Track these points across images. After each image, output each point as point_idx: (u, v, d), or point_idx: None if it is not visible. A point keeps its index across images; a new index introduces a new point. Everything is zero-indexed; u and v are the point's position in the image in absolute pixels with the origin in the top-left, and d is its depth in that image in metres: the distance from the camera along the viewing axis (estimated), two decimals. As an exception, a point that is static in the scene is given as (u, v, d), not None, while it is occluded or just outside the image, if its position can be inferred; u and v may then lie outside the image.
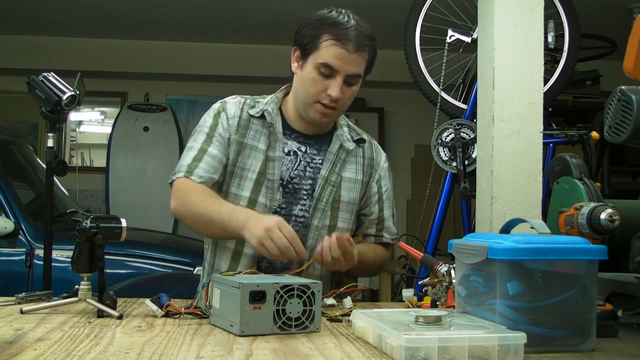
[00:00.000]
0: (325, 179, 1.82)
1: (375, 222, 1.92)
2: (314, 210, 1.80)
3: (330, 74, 1.71)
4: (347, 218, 1.86)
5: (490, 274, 1.19)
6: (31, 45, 5.84)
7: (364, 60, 1.74)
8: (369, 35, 1.74)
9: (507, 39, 2.51)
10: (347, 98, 1.77)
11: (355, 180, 1.88)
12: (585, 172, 1.56)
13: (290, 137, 1.84)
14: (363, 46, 1.71)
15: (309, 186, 1.82)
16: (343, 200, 1.85)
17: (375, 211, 1.91)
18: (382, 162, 1.95)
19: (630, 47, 1.47)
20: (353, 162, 1.89)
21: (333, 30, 1.69)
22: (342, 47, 1.69)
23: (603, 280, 1.44)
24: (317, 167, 1.83)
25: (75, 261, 1.44)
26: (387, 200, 1.94)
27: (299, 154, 1.83)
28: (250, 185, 1.78)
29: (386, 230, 1.94)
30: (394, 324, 1.15)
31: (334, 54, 1.69)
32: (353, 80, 1.74)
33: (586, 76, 4.18)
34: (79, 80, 2.45)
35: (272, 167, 1.79)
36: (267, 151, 1.80)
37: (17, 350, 1.09)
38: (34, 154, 4.15)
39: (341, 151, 1.86)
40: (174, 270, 3.43)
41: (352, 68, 1.71)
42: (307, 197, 1.81)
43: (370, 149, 1.94)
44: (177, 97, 6.44)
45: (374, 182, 1.91)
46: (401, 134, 6.56)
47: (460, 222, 3.45)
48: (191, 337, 1.22)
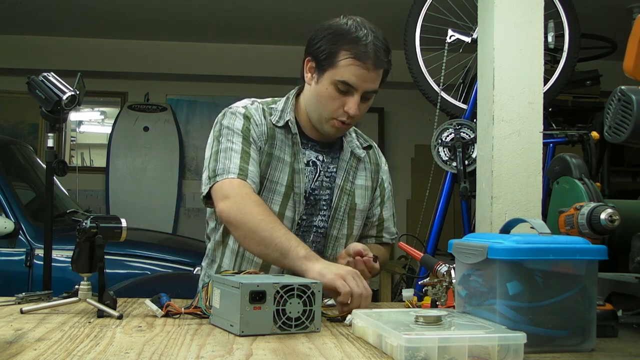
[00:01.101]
0: (341, 189, 1.82)
1: (375, 224, 1.93)
2: (332, 220, 1.80)
3: (348, 90, 1.67)
4: (359, 225, 1.87)
5: (490, 274, 1.19)
6: (31, 45, 5.84)
7: (380, 76, 1.71)
8: (386, 49, 1.69)
9: (507, 39, 2.51)
10: (362, 112, 1.74)
11: (366, 187, 1.89)
12: (585, 172, 1.56)
13: (307, 146, 1.81)
14: (382, 64, 1.68)
15: (327, 196, 1.81)
16: (358, 208, 1.86)
17: (376, 214, 1.93)
18: (383, 165, 1.97)
19: (630, 47, 1.47)
20: (363, 169, 1.90)
21: (352, 47, 1.64)
22: (362, 67, 1.64)
23: (603, 280, 1.44)
24: (333, 176, 1.83)
25: (75, 261, 1.44)
26: (387, 201, 1.95)
27: (318, 164, 1.81)
28: (280, 199, 1.74)
29: (386, 230, 1.95)
30: (394, 324, 1.15)
31: (353, 72, 1.65)
32: (369, 95, 1.71)
33: (586, 76, 4.18)
34: (79, 80, 2.45)
35: (297, 179, 1.76)
36: (292, 163, 1.76)
37: (17, 350, 1.09)
38: (34, 154, 4.16)
39: (352, 159, 1.86)
40: (174, 270, 3.43)
41: (370, 85, 1.68)
42: (326, 207, 1.81)
43: (374, 154, 1.95)
44: (177, 97, 6.45)
45: (377, 186, 1.93)
46: (401, 134, 6.56)
47: (460, 222, 3.45)
48: (191, 337, 1.22)
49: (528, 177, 2.47)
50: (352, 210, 1.84)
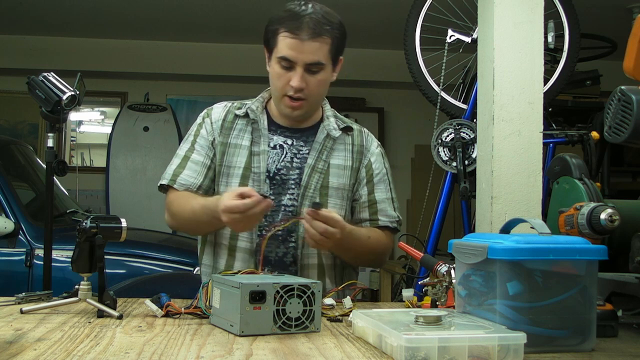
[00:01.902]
0: (312, 167, 1.83)
1: (365, 205, 1.88)
2: (302, 198, 1.81)
3: (290, 65, 1.73)
4: (337, 204, 1.84)
5: (490, 274, 1.19)
6: (31, 45, 5.84)
7: (324, 46, 1.73)
8: (328, 19, 1.74)
9: (507, 39, 2.51)
10: (314, 86, 1.76)
11: (344, 166, 1.87)
12: (585, 172, 1.56)
13: (275, 132, 1.87)
14: (320, 32, 1.71)
15: (297, 176, 1.83)
16: (332, 186, 1.84)
17: (364, 194, 1.88)
18: (372, 147, 1.93)
19: (630, 47, 1.47)
20: (342, 150, 1.88)
21: (287, 22, 1.72)
22: (295, 37, 1.70)
23: (603, 280, 1.44)
24: (304, 157, 1.84)
25: (75, 261, 1.44)
26: (380, 183, 1.91)
27: (285, 147, 1.85)
28: (237, 181, 1.82)
29: (381, 213, 1.89)
30: (394, 324, 1.15)
31: (288, 46, 1.71)
32: (315, 68, 1.74)
33: (586, 76, 4.18)
34: (79, 80, 2.45)
35: (257, 160, 1.82)
36: (251, 146, 1.83)
37: (17, 350, 1.09)
38: (34, 154, 4.16)
39: (327, 140, 1.87)
40: (174, 270, 3.43)
41: (309, 56, 1.72)
42: (295, 186, 1.82)
43: (360, 136, 1.93)
44: (177, 97, 6.44)
45: (363, 167, 1.90)
46: (401, 134, 6.56)
47: (460, 222, 3.45)
48: (191, 337, 1.22)
49: (528, 177, 2.47)
50: (325, 187, 1.83)
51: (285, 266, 1.78)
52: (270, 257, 1.77)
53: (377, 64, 6.07)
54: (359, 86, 6.42)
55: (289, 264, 1.79)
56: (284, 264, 1.78)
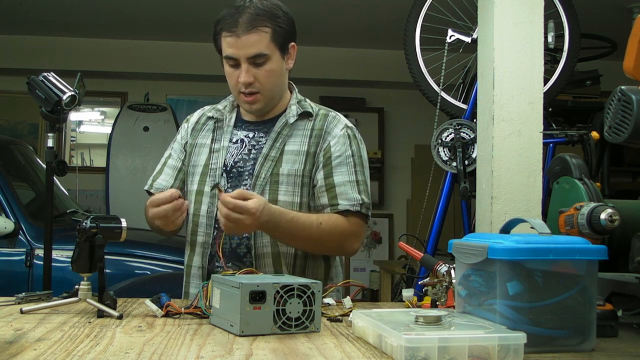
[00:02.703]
0: (265, 156, 1.82)
1: (324, 189, 1.81)
2: (252, 187, 1.79)
3: (236, 63, 1.75)
4: (289, 191, 1.80)
5: (490, 274, 1.19)
6: (31, 45, 5.84)
7: (263, 36, 1.73)
8: (266, 10, 1.75)
9: (507, 39, 2.51)
10: (264, 78, 1.76)
11: (299, 152, 1.82)
12: (585, 172, 1.56)
13: (240, 128, 1.89)
14: (255, 24, 1.72)
15: (251, 166, 1.83)
16: (282, 173, 1.80)
17: (319, 178, 1.82)
18: (336, 130, 1.85)
19: (630, 47, 1.47)
20: (299, 136, 1.84)
21: (225, 22, 1.74)
22: (232, 35, 1.72)
23: (603, 280, 1.44)
24: (261, 148, 1.84)
25: (75, 261, 1.44)
26: (340, 165, 1.82)
27: (245, 140, 1.87)
28: (198, 179, 1.87)
29: (341, 196, 1.79)
30: (394, 324, 1.15)
31: (228, 44, 1.74)
32: (259, 60, 1.74)
33: (586, 76, 4.18)
34: (79, 80, 2.45)
35: (215, 157, 1.86)
36: (211, 144, 1.88)
37: (17, 350, 1.09)
38: (34, 154, 4.16)
39: (285, 128, 1.85)
40: (174, 270, 3.43)
41: (249, 50, 1.72)
42: (248, 177, 1.82)
43: (323, 120, 1.87)
44: (177, 97, 6.44)
45: (321, 151, 1.83)
46: (401, 134, 6.56)
47: (460, 222, 3.45)
48: (191, 337, 1.22)
49: (528, 177, 2.47)
50: (276, 175, 1.80)
51: (239, 257, 1.78)
52: (225, 249, 1.78)
53: (377, 64, 6.07)
54: (359, 86, 6.42)
55: (243, 254, 1.78)
56: (238, 255, 1.78)
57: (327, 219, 1.76)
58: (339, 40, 5.85)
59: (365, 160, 1.88)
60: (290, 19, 1.80)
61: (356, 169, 1.83)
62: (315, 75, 6.03)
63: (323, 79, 6.16)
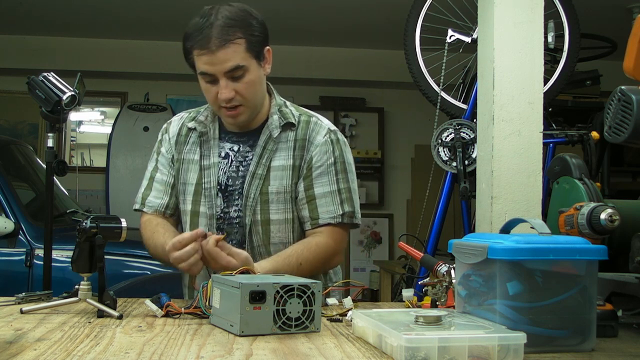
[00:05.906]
0: (252, 175, 1.77)
1: (304, 202, 1.77)
2: (244, 208, 1.76)
3: (212, 79, 1.69)
4: (281, 209, 1.77)
5: (490, 274, 1.19)
6: (31, 45, 5.84)
7: (237, 48, 1.66)
8: (235, 19, 1.67)
9: (507, 39, 2.51)
10: (244, 90, 1.70)
11: (285, 166, 1.77)
12: (585, 172, 1.56)
13: (224, 139, 1.83)
14: (228, 38, 1.64)
15: (240, 185, 1.78)
16: (271, 192, 1.76)
17: (300, 190, 1.77)
18: (318, 138, 1.79)
19: (630, 47, 1.47)
20: (284, 149, 1.79)
21: (194, 38, 1.67)
22: (205, 52, 1.65)
23: (603, 280, 1.44)
24: (248, 164, 1.79)
25: (75, 261, 1.44)
26: (321, 176, 1.77)
27: (231, 155, 1.81)
28: (191, 198, 1.81)
29: (322, 208, 1.76)
30: (394, 324, 1.15)
31: (203, 62, 1.67)
32: (237, 73, 1.67)
33: (586, 76, 4.18)
34: (79, 80, 2.45)
35: (207, 175, 1.80)
36: (200, 160, 1.82)
37: (17, 350, 1.09)
38: (34, 154, 4.15)
39: (270, 142, 1.78)
40: (173, 270, 3.42)
41: (225, 65, 1.66)
42: (238, 196, 1.78)
43: (305, 129, 1.80)
44: (177, 97, 6.44)
45: (304, 163, 1.78)
46: (401, 134, 6.56)
47: (460, 222, 3.45)
48: (191, 337, 1.22)
49: (528, 177, 2.47)
50: (265, 194, 1.76)
51: None
52: None
53: (377, 64, 6.07)
54: (359, 86, 6.42)
55: None
56: None
57: (306, 257, 1.71)
58: (339, 40, 5.85)
59: (349, 164, 1.83)
60: (262, 24, 1.73)
61: (338, 177, 1.79)
62: (315, 75, 6.03)
63: (323, 79, 6.17)
